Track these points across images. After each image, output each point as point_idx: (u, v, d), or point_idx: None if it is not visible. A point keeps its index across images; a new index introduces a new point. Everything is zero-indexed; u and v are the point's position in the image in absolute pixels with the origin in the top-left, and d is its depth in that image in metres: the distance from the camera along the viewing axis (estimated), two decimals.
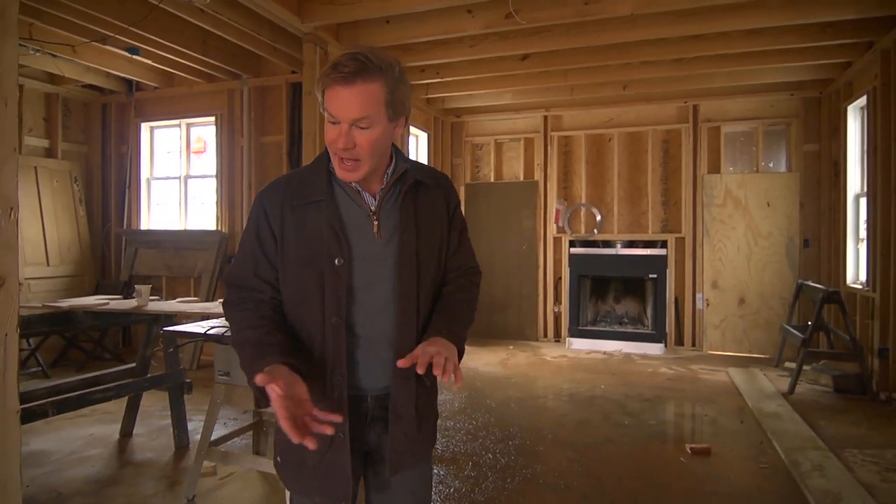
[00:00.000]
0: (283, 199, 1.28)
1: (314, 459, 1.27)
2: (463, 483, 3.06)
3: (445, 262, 1.41)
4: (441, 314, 1.37)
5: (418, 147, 7.12)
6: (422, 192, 1.35)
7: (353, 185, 1.29)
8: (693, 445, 3.52)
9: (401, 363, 1.21)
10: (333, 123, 1.20)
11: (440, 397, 2.15)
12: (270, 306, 1.30)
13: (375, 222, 1.29)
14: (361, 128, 1.18)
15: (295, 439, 1.08)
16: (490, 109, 7.30)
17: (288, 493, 2.59)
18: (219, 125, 6.16)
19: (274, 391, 1.08)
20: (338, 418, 1.14)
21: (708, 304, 6.55)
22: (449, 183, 1.44)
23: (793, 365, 5.48)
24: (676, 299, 6.67)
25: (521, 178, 7.34)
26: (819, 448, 3.47)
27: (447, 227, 1.40)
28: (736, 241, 6.47)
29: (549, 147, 7.18)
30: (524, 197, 7.29)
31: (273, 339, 1.22)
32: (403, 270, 1.29)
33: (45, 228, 5.97)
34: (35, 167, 5.98)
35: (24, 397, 2.97)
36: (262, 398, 1.16)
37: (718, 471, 3.23)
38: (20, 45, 4.88)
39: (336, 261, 1.24)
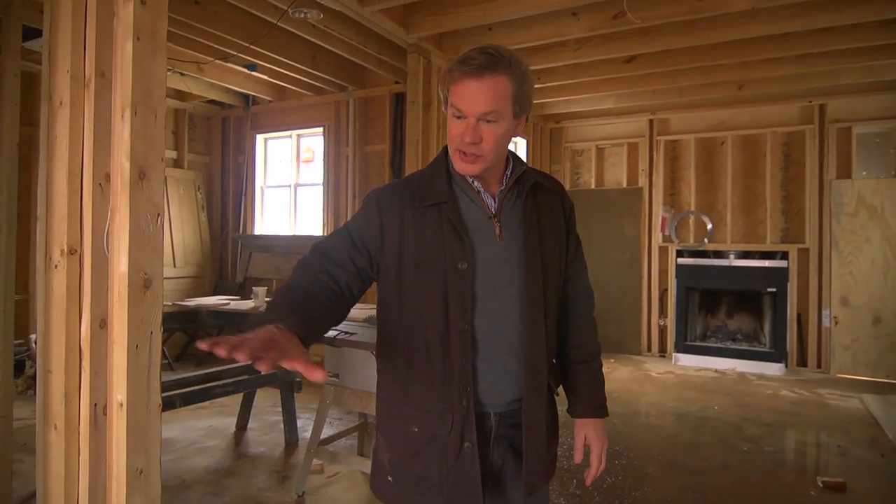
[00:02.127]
0: (402, 205, 1.22)
1: (439, 475, 1.18)
2: (568, 501, 2.95)
3: (565, 270, 1.36)
4: (595, 376, 1.41)
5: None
6: (541, 194, 1.31)
7: (475, 185, 1.24)
8: (825, 479, 3.18)
9: (575, 459, 1.28)
10: (459, 118, 1.16)
11: None
12: (336, 291, 1.18)
13: (497, 224, 1.24)
14: (488, 121, 1.15)
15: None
16: (591, 114, 7.09)
17: None
18: (326, 135, 6.44)
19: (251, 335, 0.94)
20: (321, 375, 0.89)
21: (836, 323, 5.95)
22: (562, 187, 1.41)
23: None
24: (799, 316, 6.12)
25: (624, 185, 7.07)
26: None
27: (565, 230, 1.36)
28: (870, 253, 5.84)
29: (654, 152, 6.87)
30: (627, 204, 7.01)
31: (297, 304, 1.09)
32: (530, 274, 1.23)
33: (173, 233, 6.50)
34: (165, 177, 6.52)
35: None
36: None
37: None
38: None
39: (460, 264, 1.18)
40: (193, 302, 3.65)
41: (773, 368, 5.99)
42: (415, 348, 1.21)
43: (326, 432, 3.37)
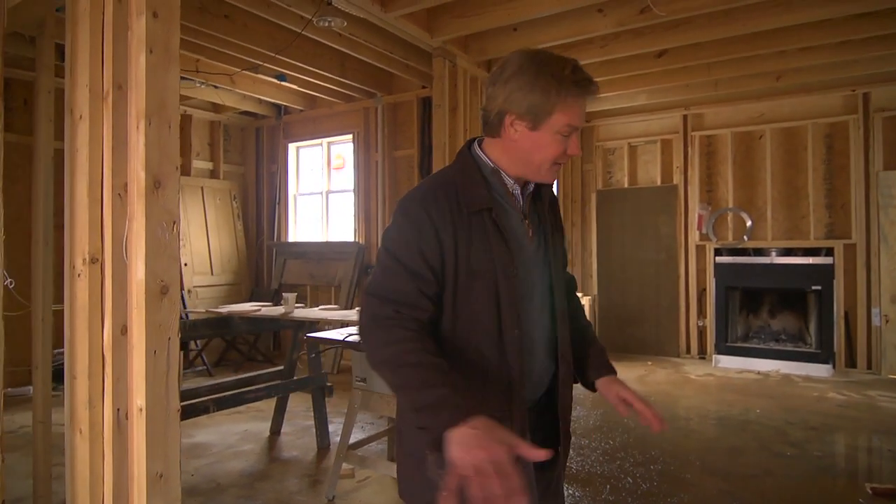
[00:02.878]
0: (450, 213, 1.16)
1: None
2: None
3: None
4: (596, 345, 1.40)
5: None
6: (547, 194, 1.34)
7: (513, 188, 1.25)
8: (875, 485, 3.02)
9: (623, 412, 1.25)
10: (566, 135, 1.17)
11: (574, 413, 2.06)
12: (428, 331, 1.14)
13: (529, 226, 1.26)
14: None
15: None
16: (622, 112, 6.97)
17: None
18: (356, 142, 6.51)
19: (502, 461, 0.91)
20: (539, 454, 0.96)
21: (887, 321, 5.67)
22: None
23: None
24: (846, 314, 5.86)
25: (658, 183, 6.91)
26: None
27: (562, 233, 1.40)
28: None
29: (689, 148, 6.69)
30: (661, 202, 6.85)
31: (456, 378, 1.06)
32: (556, 272, 1.29)
33: (210, 242, 6.67)
34: (202, 187, 6.71)
35: (191, 394, 3.30)
36: (436, 432, 0.97)
37: None
38: (188, 78, 5.55)
39: (508, 270, 1.18)
40: (226, 309, 3.73)
41: (820, 370, 5.75)
42: (469, 357, 1.18)
43: (357, 437, 3.39)
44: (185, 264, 6.31)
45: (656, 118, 6.88)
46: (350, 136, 6.61)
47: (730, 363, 6.18)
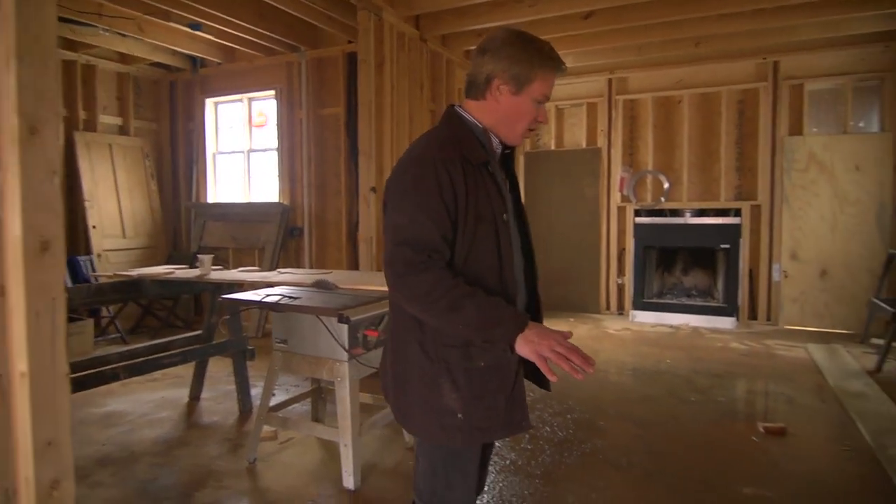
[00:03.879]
0: (462, 164, 1.35)
1: (505, 396, 1.40)
2: (519, 455, 3.00)
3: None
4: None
5: None
6: (508, 150, 1.54)
7: (497, 146, 1.47)
8: (766, 424, 3.30)
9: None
10: (539, 103, 1.42)
11: None
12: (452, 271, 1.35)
13: (506, 179, 1.49)
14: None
15: (580, 367, 1.23)
16: None
17: (350, 463, 2.62)
18: (279, 99, 6.23)
19: (563, 342, 1.26)
20: (570, 334, 1.31)
21: (786, 276, 6.13)
22: None
23: (879, 341, 5.08)
24: (751, 271, 6.29)
25: (584, 146, 7.06)
26: None
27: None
28: (819, 208, 5.99)
29: (613, 112, 6.86)
30: (586, 165, 7.02)
31: (497, 297, 1.33)
32: (525, 224, 1.53)
33: (121, 203, 6.26)
34: (110, 144, 6.25)
35: (99, 361, 3.13)
36: (503, 341, 1.30)
37: (795, 452, 3.02)
38: (90, 24, 5.10)
39: (504, 216, 1.40)
40: (136, 272, 3.53)
41: (726, 322, 6.17)
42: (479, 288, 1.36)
43: (281, 398, 3.35)
44: (94, 227, 5.91)
45: (582, 82, 6.97)
46: (272, 93, 6.32)
47: (645, 318, 6.52)
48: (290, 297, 2.72)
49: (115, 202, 6.20)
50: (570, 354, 1.22)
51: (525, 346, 1.26)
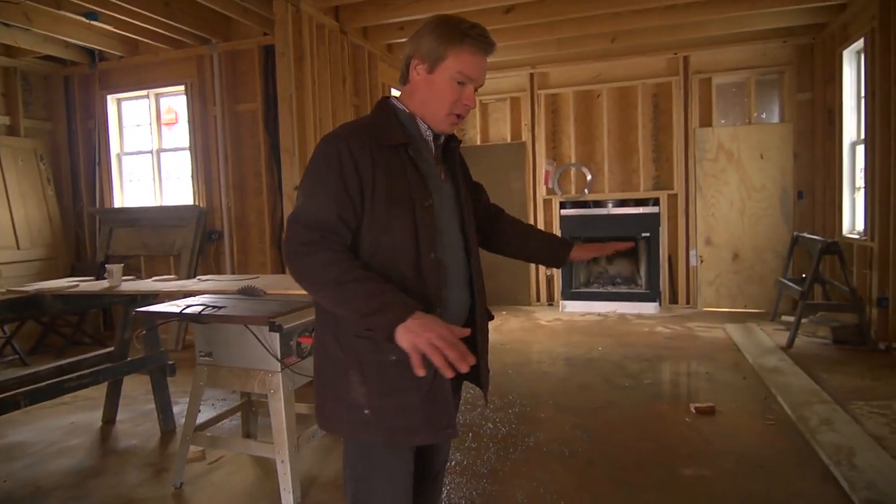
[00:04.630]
0: (370, 145, 1.29)
1: (420, 395, 1.30)
2: (465, 455, 2.94)
3: (478, 200, 1.68)
4: (547, 233, 1.76)
5: None
6: (454, 141, 1.49)
7: (427, 133, 1.39)
8: (697, 405, 3.43)
9: (621, 245, 1.67)
10: (462, 84, 1.33)
11: None
12: (350, 251, 1.28)
13: (441, 168, 1.42)
14: (475, 90, 1.36)
15: (449, 372, 1.15)
16: None
17: (287, 480, 2.46)
18: (189, 94, 5.85)
19: (446, 335, 1.15)
20: (465, 331, 1.20)
21: (702, 261, 6.45)
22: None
23: (789, 318, 5.44)
24: (670, 257, 6.57)
25: (509, 140, 7.13)
26: (825, 402, 3.39)
27: (468, 175, 1.61)
28: (729, 195, 6.35)
29: (536, 106, 6.95)
30: (512, 159, 7.08)
31: (388, 284, 1.24)
32: (468, 214, 1.46)
33: (13, 210, 5.67)
34: None
35: None
36: (383, 331, 1.19)
37: (725, 429, 3.15)
38: None
39: (425, 201, 1.31)
40: (34, 287, 3.18)
41: (649, 308, 6.42)
42: (391, 279, 1.27)
43: (207, 415, 3.12)
44: None
45: (505, 76, 7.02)
46: (182, 88, 5.92)
47: (574, 307, 6.67)
48: (213, 307, 2.51)
49: (5, 209, 5.60)
50: (448, 349, 1.13)
51: (404, 337, 1.16)
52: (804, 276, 5.56)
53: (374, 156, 1.27)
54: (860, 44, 5.07)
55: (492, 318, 1.57)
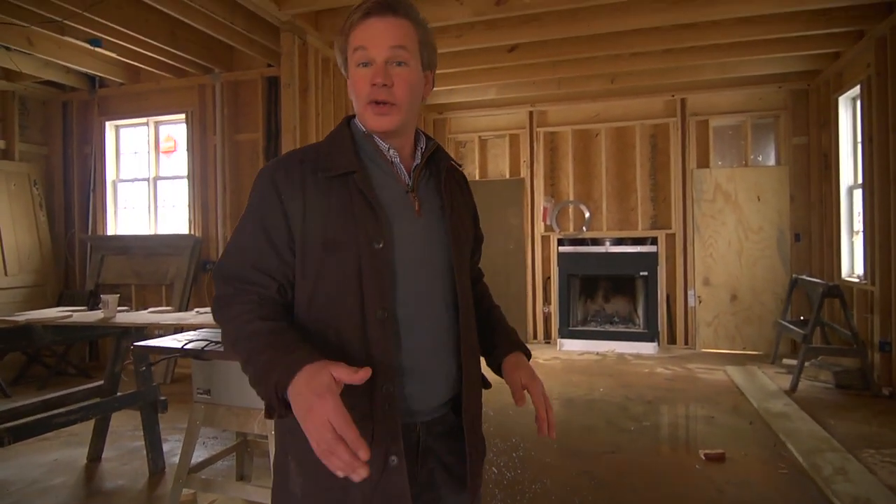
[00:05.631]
0: (302, 174, 1.05)
1: (362, 496, 0.99)
2: None
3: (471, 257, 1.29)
4: (505, 325, 1.31)
5: None
6: (451, 174, 1.21)
7: (390, 154, 1.11)
8: (707, 451, 3.34)
9: (519, 402, 1.14)
10: (365, 65, 1.06)
11: None
12: (278, 303, 1.05)
13: (415, 199, 1.10)
14: (398, 64, 1.05)
15: (344, 472, 0.83)
16: (474, 105, 7.08)
17: None
18: (189, 123, 5.81)
19: (331, 402, 0.84)
20: (365, 453, 0.83)
21: (700, 302, 6.43)
22: (463, 173, 1.33)
23: (790, 361, 5.39)
24: (668, 297, 6.54)
25: (507, 176, 7.14)
26: (836, 450, 3.32)
27: (472, 217, 1.29)
28: (726, 236, 6.36)
29: (535, 143, 6.99)
30: (510, 195, 7.08)
31: (294, 334, 0.98)
32: (458, 256, 1.12)
33: (2, 236, 5.54)
34: None
35: None
36: (280, 407, 0.90)
37: (737, 478, 3.05)
38: None
39: (375, 242, 1.02)
40: (24, 316, 3.05)
41: (648, 348, 6.35)
42: (327, 344, 1.01)
43: (199, 455, 2.98)
44: None
45: (505, 113, 7.08)
46: (183, 116, 5.89)
47: (573, 346, 6.59)
48: (214, 342, 2.42)
49: None
50: (337, 447, 0.82)
51: (299, 418, 0.87)
52: (803, 318, 5.55)
53: (308, 189, 1.04)
54: (856, 90, 5.18)
55: (488, 386, 1.23)
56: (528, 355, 1.27)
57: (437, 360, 1.08)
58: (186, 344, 2.37)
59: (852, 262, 5.46)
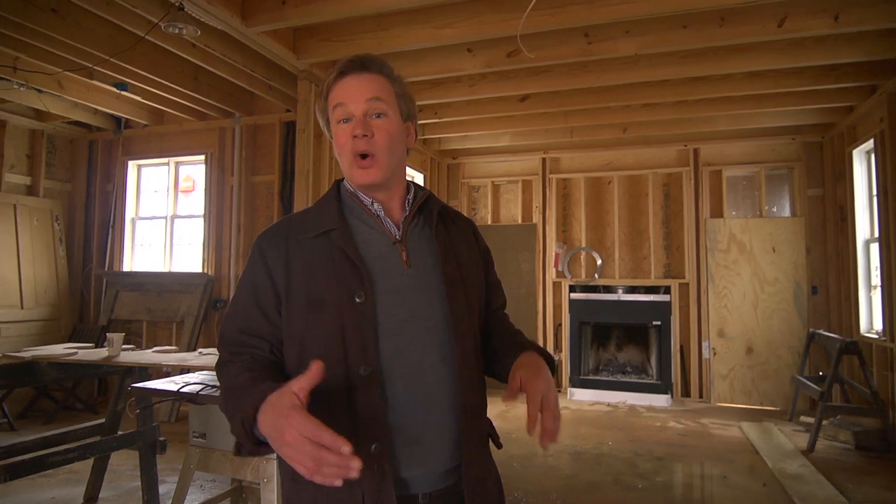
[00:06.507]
0: (286, 237, 1.10)
1: None
2: None
3: (486, 303, 1.27)
4: (523, 338, 1.23)
5: None
6: (452, 225, 1.22)
7: (375, 208, 1.13)
8: None
9: (507, 398, 1.06)
10: (345, 121, 1.10)
11: None
12: (271, 361, 1.08)
13: (403, 250, 1.11)
14: (377, 115, 1.10)
15: (340, 475, 0.81)
16: (487, 151, 7.18)
17: None
18: (209, 164, 5.97)
19: (297, 417, 0.82)
20: (347, 447, 0.80)
21: (715, 354, 6.29)
22: (475, 225, 1.32)
23: (808, 419, 5.21)
24: (682, 348, 6.41)
25: (520, 221, 7.17)
26: None
27: (482, 262, 1.27)
28: (742, 287, 6.27)
29: (547, 190, 7.04)
30: (522, 240, 7.09)
31: (272, 381, 0.96)
32: (455, 305, 1.09)
33: (21, 269, 5.66)
34: (14, 204, 5.72)
35: None
36: (248, 442, 0.93)
37: None
38: (5, 78, 4.73)
39: (356, 297, 1.02)
40: (31, 352, 3.09)
41: (661, 400, 6.19)
42: (315, 403, 0.95)
43: (196, 500, 2.94)
44: None
45: (518, 159, 7.16)
46: (202, 157, 6.05)
47: (583, 396, 6.45)
48: (211, 386, 2.41)
49: (14, 267, 5.60)
50: (320, 454, 0.81)
51: (277, 448, 0.87)
52: (821, 373, 5.39)
53: (291, 251, 1.08)
54: (870, 143, 5.15)
55: (499, 446, 1.19)
56: (547, 358, 1.16)
57: (433, 418, 1.04)
58: (183, 387, 2.38)
59: (871, 317, 5.33)
